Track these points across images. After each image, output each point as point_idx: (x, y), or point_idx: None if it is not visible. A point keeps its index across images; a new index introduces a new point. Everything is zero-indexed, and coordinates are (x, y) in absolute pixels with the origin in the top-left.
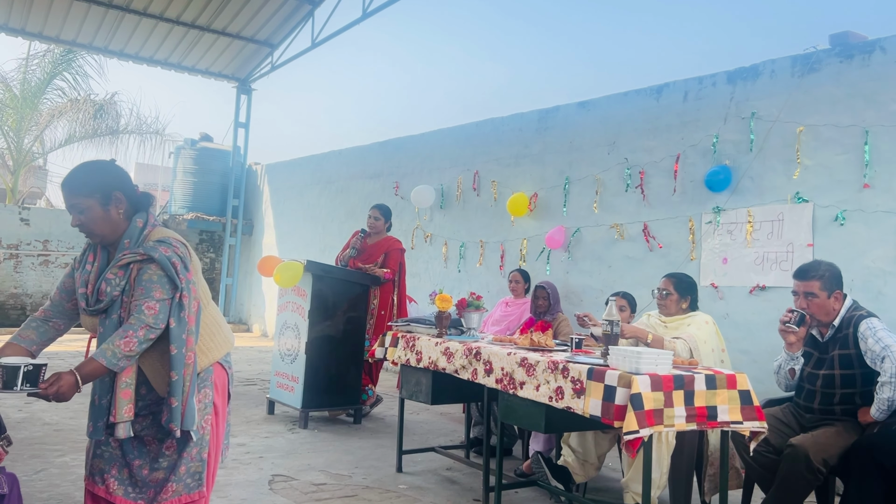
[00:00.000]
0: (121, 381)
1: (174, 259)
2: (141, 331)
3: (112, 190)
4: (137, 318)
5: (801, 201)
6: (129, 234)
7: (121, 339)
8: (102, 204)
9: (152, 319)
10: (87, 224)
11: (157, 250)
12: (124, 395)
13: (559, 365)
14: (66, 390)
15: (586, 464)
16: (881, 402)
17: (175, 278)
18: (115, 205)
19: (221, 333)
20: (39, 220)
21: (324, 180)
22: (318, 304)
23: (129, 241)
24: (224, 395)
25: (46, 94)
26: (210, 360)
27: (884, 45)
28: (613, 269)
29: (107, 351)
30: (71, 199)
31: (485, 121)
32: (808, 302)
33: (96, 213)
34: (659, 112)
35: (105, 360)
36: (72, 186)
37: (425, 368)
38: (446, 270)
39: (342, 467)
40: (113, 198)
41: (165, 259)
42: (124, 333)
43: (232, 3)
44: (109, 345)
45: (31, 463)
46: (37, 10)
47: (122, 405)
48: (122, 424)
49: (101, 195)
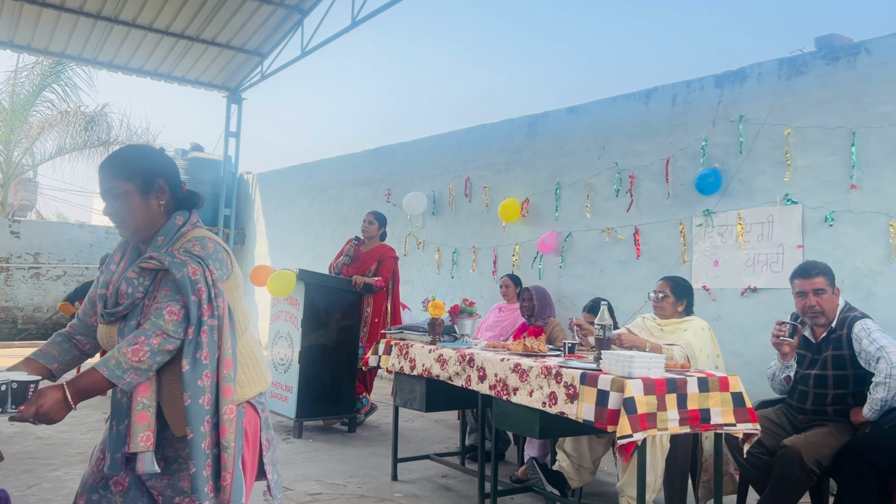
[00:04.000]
0: (136, 401)
1: (200, 285)
2: (156, 338)
3: (155, 177)
4: (154, 322)
5: (790, 203)
6: (165, 230)
7: (129, 346)
8: (142, 191)
9: (172, 327)
10: (120, 213)
11: (185, 268)
12: (140, 418)
13: (552, 370)
14: (49, 409)
15: (581, 469)
16: (874, 403)
17: (193, 310)
18: (156, 194)
19: (257, 368)
20: (30, 232)
21: (315, 188)
22: (311, 313)
23: (162, 238)
24: (255, 446)
25: (36, 107)
26: (239, 397)
27: (869, 47)
28: (606, 273)
29: (110, 359)
30: (107, 182)
31: (475, 127)
32: (818, 299)
33: (134, 201)
34: (648, 116)
35: (107, 371)
36: (111, 167)
37: (419, 376)
38: (439, 277)
39: (337, 476)
40: (155, 186)
41: (188, 283)
42: (134, 339)
43: (221, 14)
44: (115, 352)
45: (24, 478)
46: (25, 23)
47: (138, 431)
48: (141, 455)
49: (141, 180)
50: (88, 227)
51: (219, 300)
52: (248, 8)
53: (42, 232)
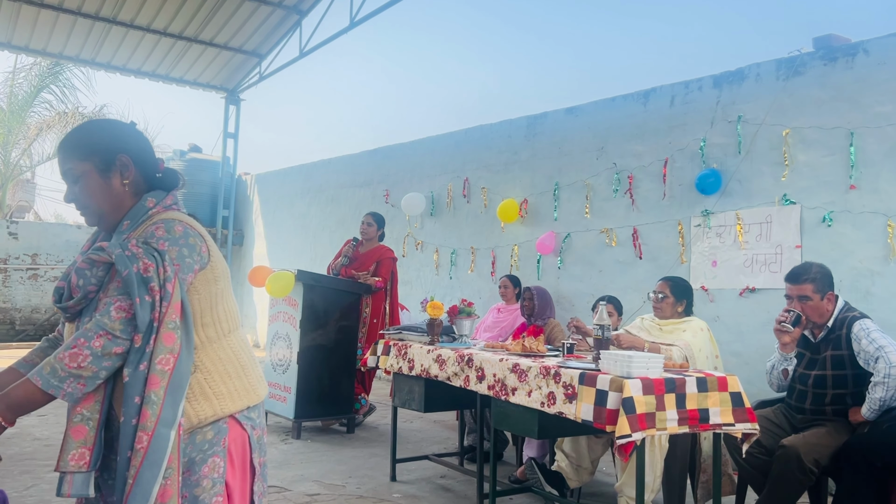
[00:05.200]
0: (74, 413)
1: (153, 283)
2: (98, 340)
3: (116, 153)
4: (98, 321)
5: (788, 203)
6: (133, 214)
7: (66, 350)
8: (102, 170)
9: (120, 326)
10: (80, 197)
11: (134, 263)
12: (76, 433)
13: (551, 370)
14: None
15: (580, 469)
16: (873, 402)
17: (141, 313)
18: (117, 172)
19: (244, 378)
20: (28, 233)
21: (314, 189)
22: (309, 314)
23: (128, 222)
24: (243, 469)
25: (34, 108)
26: (217, 411)
27: (867, 48)
28: (604, 273)
29: (45, 367)
30: (64, 164)
31: (474, 128)
32: (802, 305)
33: (92, 183)
34: (646, 117)
35: (40, 380)
36: (67, 147)
37: (418, 376)
38: (437, 278)
39: (336, 477)
40: (117, 163)
41: (136, 281)
42: (73, 341)
43: (219, 15)
44: (51, 357)
45: (22, 479)
46: (23, 24)
47: (71, 448)
48: (69, 477)
49: (100, 158)
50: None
51: (164, 304)
52: (247, 9)
53: (40, 233)
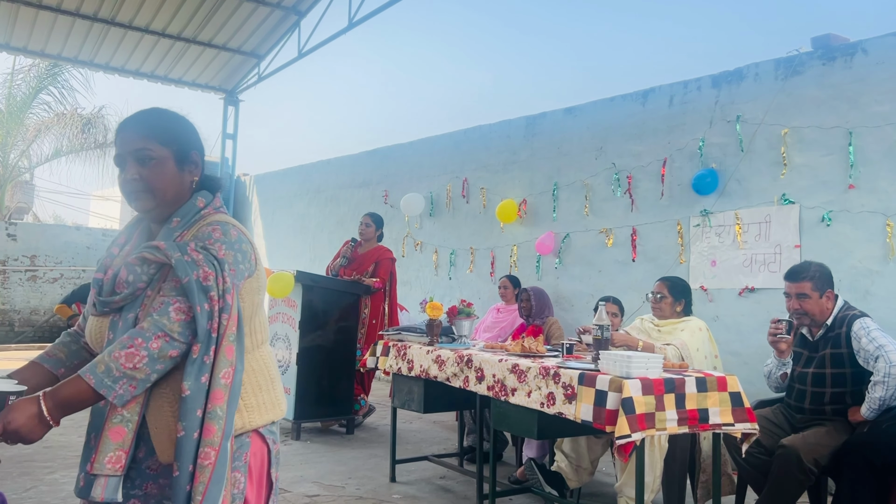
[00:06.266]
0: (115, 413)
1: (213, 293)
2: (156, 341)
3: (191, 148)
4: (155, 321)
5: (787, 203)
6: (184, 211)
7: (122, 349)
8: (178, 160)
9: (179, 328)
10: (150, 180)
11: (195, 270)
12: (114, 434)
13: (550, 371)
14: (21, 426)
15: (580, 469)
16: (872, 402)
17: (201, 322)
18: (190, 168)
19: (272, 391)
20: (27, 235)
21: (313, 190)
22: (308, 315)
23: (178, 220)
24: (260, 484)
25: (32, 109)
26: (246, 423)
27: (865, 47)
28: (603, 273)
29: (98, 365)
30: (138, 142)
31: (473, 128)
32: (800, 303)
33: (168, 170)
34: (645, 117)
35: (94, 379)
36: (146, 126)
37: (417, 377)
38: (437, 278)
39: (335, 478)
40: (191, 158)
41: (196, 289)
42: (129, 341)
43: (218, 15)
44: (105, 355)
45: (21, 481)
46: (21, 25)
47: (108, 449)
48: (103, 480)
49: (178, 148)
50: (85, 230)
51: (224, 316)
52: (245, 9)
53: (39, 234)
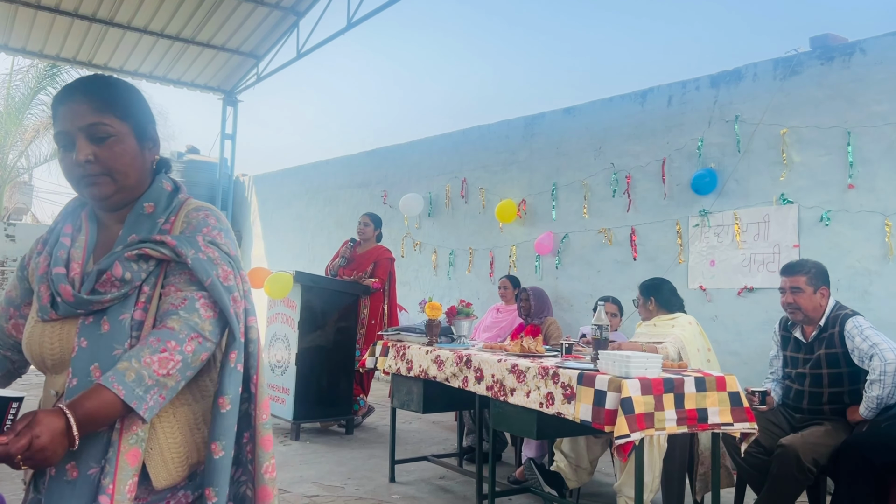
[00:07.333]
0: (129, 433)
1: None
2: (190, 343)
3: (149, 122)
4: (186, 321)
5: (786, 203)
6: (153, 196)
7: (153, 353)
8: (139, 137)
9: (210, 327)
10: (109, 161)
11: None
12: (131, 458)
13: (549, 371)
14: (48, 443)
15: (579, 469)
16: (870, 401)
17: (235, 325)
18: (149, 146)
19: None
20: (25, 235)
21: (312, 190)
22: (307, 315)
23: (152, 205)
24: None
25: (31, 109)
26: None
27: (863, 47)
28: (602, 273)
29: (127, 372)
30: (88, 116)
31: (472, 128)
32: (794, 297)
33: (129, 147)
34: (644, 117)
35: (123, 389)
36: (98, 97)
37: (416, 377)
38: (436, 278)
39: (335, 479)
40: (150, 133)
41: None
42: (161, 344)
43: (216, 16)
44: (132, 361)
45: (19, 482)
46: (20, 26)
47: (126, 477)
48: None
49: (136, 122)
50: None
51: (250, 319)
52: (244, 10)
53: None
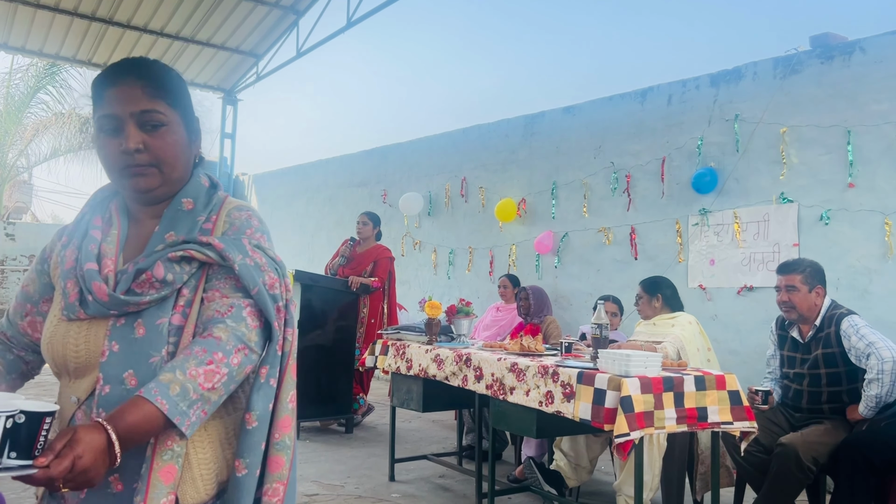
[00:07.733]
0: (164, 448)
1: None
2: (237, 355)
3: (195, 115)
4: (234, 330)
5: (786, 202)
6: (192, 192)
7: (200, 366)
8: (187, 128)
9: (256, 338)
10: (159, 151)
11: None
12: (166, 475)
13: (549, 369)
14: (90, 464)
15: (578, 468)
16: (869, 400)
17: (276, 336)
18: (195, 140)
19: None
20: (25, 234)
21: (311, 190)
22: (307, 314)
23: (191, 201)
24: None
25: (30, 108)
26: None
27: (863, 46)
28: (602, 272)
29: (172, 385)
30: (142, 102)
31: (471, 127)
32: (789, 295)
33: (180, 138)
34: (644, 116)
35: (167, 403)
36: (153, 81)
37: (416, 376)
38: (436, 277)
39: (334, 477)
40: (195, 127)
41: (268, 299)
42: (207, 355)
43: (216, 15)
44: (175, 373)
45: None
46: (19, 24)
47: (160, 495)
48: None
49: (185, 113)
50: None
51: (288, 330)
52: (244, 9)
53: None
